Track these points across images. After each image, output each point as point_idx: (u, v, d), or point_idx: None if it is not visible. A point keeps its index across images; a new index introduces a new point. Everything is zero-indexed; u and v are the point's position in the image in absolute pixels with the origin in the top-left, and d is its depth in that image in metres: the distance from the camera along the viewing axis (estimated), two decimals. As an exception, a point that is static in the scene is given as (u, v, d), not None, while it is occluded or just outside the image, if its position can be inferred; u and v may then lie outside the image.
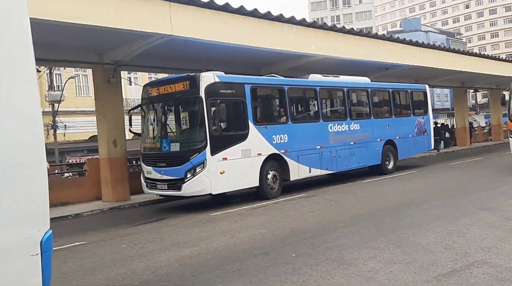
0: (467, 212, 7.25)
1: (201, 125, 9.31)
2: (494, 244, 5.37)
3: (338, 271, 4.79)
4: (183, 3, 9.67)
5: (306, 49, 12.86)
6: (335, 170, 12.29)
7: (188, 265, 5.51)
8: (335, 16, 76.42)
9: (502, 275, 4.33)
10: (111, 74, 11.54)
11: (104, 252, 6.55)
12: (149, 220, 8.99)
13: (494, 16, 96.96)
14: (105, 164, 11.66)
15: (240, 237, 6.73)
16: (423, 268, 4.68)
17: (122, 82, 12.35)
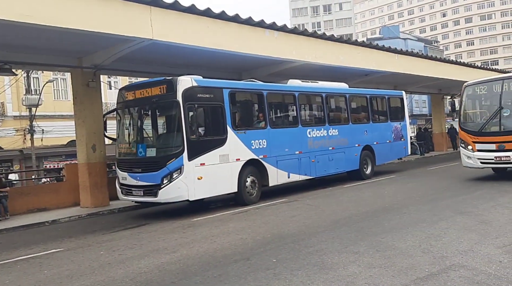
0: (444, 216, 7.38)
1: (178, 130, 9.22)
2: (470, 248, 5.49)
3: (319, 275, 4.81)
4: (164, 7, 9.63)
5: (287, 55, 12.95)
6: (314, 176, 12.36)
7: (168, 271, 5.45)
8: (316, 23, 77.23)
9: (478, 278, 4.43)
10: (91, 78, 11.39)
11: (82, 259, 6.43)
12: (129, 226, 8.87)
13: (469, 24, 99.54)
14: (84, 169, 11.48)
15: (221, 243, 6.70)
16: (401, 272, 4.74)
17: (101, 86, 12.19)
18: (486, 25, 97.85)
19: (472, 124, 11.76)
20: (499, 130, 10.88)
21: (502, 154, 10.72)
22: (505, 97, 11.04)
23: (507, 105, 11.01)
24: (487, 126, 11.17)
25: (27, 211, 11.22)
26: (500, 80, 11.20)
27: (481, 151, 11.16)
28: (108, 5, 8.80)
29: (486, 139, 11.05)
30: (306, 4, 79.14)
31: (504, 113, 10.84)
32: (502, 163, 10.84)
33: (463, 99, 11.87)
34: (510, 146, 10.56)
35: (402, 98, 16.31)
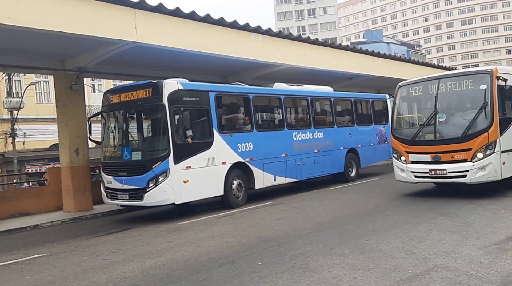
0: (426, 218, 7.49)
1: (164, 133, 9.18)
2: (452, 249, 5.58)
3: (303, 278, 4.84)
4: (149, 10, 9.61)
5: (272, 58, 13.01)
6: (300, 178, 12.42)
7: (152, 276, 5.42)
8: (300, 27, 77.67)
9: (460, 279, 4.50)
10: (74, 81, 11.26)
11: (65, 265, 6.34)
12: (113, 231, 8.77)
13: (451, 29, 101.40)
14: (67, 173, 11.33)
15: (206, 247, 6.68)
16: (385, 274, 4.79)
17: (85, 89, 12.06)
18: (467, 30, 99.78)
19: (406, 131, 10.06)
20: (434, 138, 9.30)
21: (437, 167, 9.12)
22: (441, 99, 9.54)
23: (443, 109, 9.51)
24: (421, 134, 9.54)
25: (8, 216, 11.01)
26: (436, 79, 9.63)
27: (415, 163, 9.52)
28: (92, 8, 8.73)
29: (420, 149, 9.45)
30: (291, 8, 79.58)
31: (439, 118, 9.28)
32: (438, 177, 9.23)
33: (397, 102, 10.32)
34: (446, 157, 9.02)
35: (386, 102, 16.52)
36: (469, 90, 9.25)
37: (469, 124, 8.88)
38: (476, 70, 10.09)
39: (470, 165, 8.76)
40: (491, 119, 8.71)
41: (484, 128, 8.75)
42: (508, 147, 9.03)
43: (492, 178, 8.75)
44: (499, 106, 8.79)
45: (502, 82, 8.89)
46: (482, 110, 8.78)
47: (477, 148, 8.72)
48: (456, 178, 9.02)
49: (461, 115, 9.39)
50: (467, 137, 8.82)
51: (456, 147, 8.91)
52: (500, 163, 8.78)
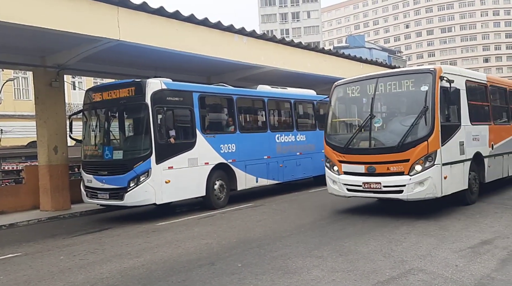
0: (405, 221, 7.61)
1: (146, 133, 9.12)
2: (428, 252, 5.69)
3: (283, 280, 4.86)
4: (132, 8, 9.52)
5: (256, 60, 13.04)
6: (282, 180, 12.47)
7: (131, 277, 5.36)
8: (284, 30, 78.04)
9: (435, 282, 4.60)
10: (54, 77, 11.07)
11: (41, 264, 6.23)
12: (91, 231, 8.65)
13: (431, 36, 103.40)
14: (44, 172, 11.12)
15: (186, 248, 6.65)
16: (363, 276, 4.86)
17: (65, 86, 11.87)
18: (446, 38, 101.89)
19: (340, 137, 8.78)
20: (369, 146, 8.13)
21: (371, 180, 7.94)
22: (378, 102, 8.54)
23: (379, 112, 8.58)
24: (355, 141, 8.33)
25: (-18, 214, 10.75)
26: (374, 79, 8.42)
27: (348, 174, 8.34)
28: (74, 4, 8.61)
29: (354, 158, 8.25)
30: (275, 11, 79.91)
31: (375, 123, 8.14)
32: (372, 191, 8.01)
33: (332, 104, 9.07)
34: (382, 169, 7.83)
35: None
36: (410, 91, 8.11)
37: (406, 131, 7.68)
38: (417, 69, 9.04)
39: (407, 179, 7.57)
40: (432, 126, 7.54)
41: (423, 136, 7.59)
42: (452, 158, 7.94)
43: (431, 194, 7.57)
44: (441, 111, 7.69)
45: (447, 83, 7.74)
46: (422, 115, 7.62)
47: (415, 160, 7.53)
48: (391, 194, 7.83)
49: (400, 120, 8.24)
50: (404, 146, 7.63)
51: (392, 158, 7.73)
52: (440, 178, 7.60)
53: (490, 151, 9.58)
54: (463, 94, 8.49)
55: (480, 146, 9.14)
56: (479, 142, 9.13)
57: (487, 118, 9.84)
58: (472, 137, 8.82)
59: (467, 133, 8.59)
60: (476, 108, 9.30)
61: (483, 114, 9.72)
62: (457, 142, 8.19)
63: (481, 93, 9.85)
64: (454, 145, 8.08)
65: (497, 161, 9.96)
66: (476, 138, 8.99)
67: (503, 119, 10.95)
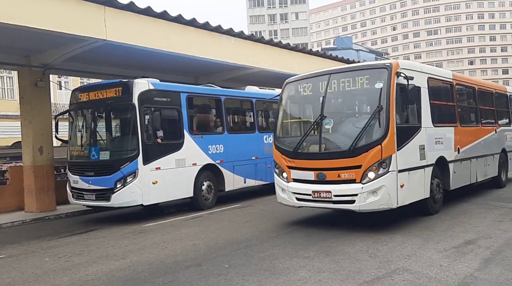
0: (391, 221, 7.68)
1: (134, 134, 9.07)
2: (413, 252, 5.75)
3: (270, 280, 4.88)
4: (119, 8, 9.46)
5: (244, 61, 13.05)
6: (270, 181, 12.45)
7: (116, 278, 5.33)
8: (272, 31, 78.19)
9: (420, 281, 4.66)
10: (39, 77, 10.94)
11: (25, 266, 6.15)
12: (76, 232, 8.56)
13: (417, 39, 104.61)
14: (29, 172, 10.97)
15: (173, 249, 6.62)
16: (349, 276, 4.90)
17: (51, 86, 11.73)
18: (432, 40, 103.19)
19: (290, 140, 7.91)
20: (319, 150, 7.27)
21: (321, 188, 7.10)
22: (330, 101, 7.71)
23: (332, 113, 7.61)
24: (305, 144, 7.49)
25: (-35, 216, 10.57)
26: (326, 75, 7.59)
27: (298, 181, 7.49)
28: (60, 3, 8.52)
29: (303, 163, 7.41)
30: (263, 12, 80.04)
31: (326, 124, 7.32)
32: (321, 201, 7.17)
33: (282, 103, 8.24)
34: (332, 176, 7.02)
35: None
36: (364, 89, 7.30)
37: (358, 134, 6.86)
38: (372, 64, 8.04)
39: (359, 188, 6.76)
40: (386, 128, 6.71)
41: (376, 139, 6.76)
42: (410, 164, 7.17)
43: (385, 205, 6.77)
44: (398, 111, 6.92)
45: (404, 80, 6.92)
46: (375, 116, 6.80)
47: (368, 166, 6.73)
48: (342, 204, 7.01)
49: (353, 121, 7.47)
50: (356, 150, 6.81)
51: (343, 163, 6.93)
52: (396, 186, 6.78)
53: (456, 155, 8.81)
54: (424, 93, 7.80)
55: (444, 150, 8.36)
56: (443, 146, 8.35)
57: (453, 119, 9.04)
58: (435, 140, 8.03)
59: (429, 136, 7.79)
60: (440, 109, 8.57)
61: (448, 115, 8.96)
62: (417, 146, 7.38)
63: (446, 92, 9.04)
64: (413, 149, 7.28)
65: (464, 166, 9.18)
66: (439, 141, 8.19)
67: (471, 121, 10.28)
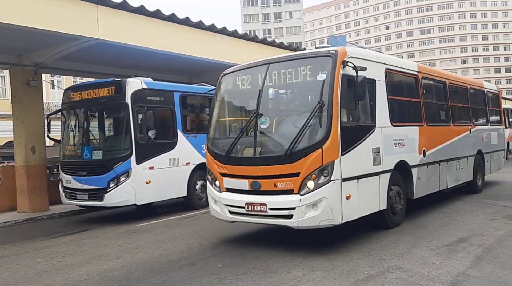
0: (384, 220, 7.72)
1: (126, 133, 9.03)
2: (406, 250, 5.79)
3: (263, 279, 4.88)
4: (112, 7, 9.41)
5: (238, 60, 12.92)
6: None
7: (110, 278, 5.31)
8: (266, 30, 78.24)
9: (413, 279, 4.68)
10: (31, 76, 10.85)
11: (17, 267, 6.11)
12: (69, 232, 8.52)
13: (410, 38, 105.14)
14: (22, 172, 10.89)
15: (167, 248, 6.61)
16: (343, 275, 4.92)
17: (43, 85, 11.65)
18: (425, 39, 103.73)
19: (224, 142, 6.66)
20: (253, 154, 6.10)
21: (256, 199, 5.99)
22: (267, 96, 6.60)
23: (269, 110, 6.66)
24: (239, 147, 6.33)
25: (-44, 216, 10.47)
26: (264, 65, 6.48)
27: (231, 191, 6.36)
28: (52, 2, 8.46)
29: (236, 170, 6.27)
30: (257, 11, 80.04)
31: (261, 123, 6.20)
32: (256, 215, 6.03)
33: (218, 98, 7.08)
34: (268, 186, 5.92)
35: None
36: (307, 81, 6.15)
37: (296, 135, 5.75)
38: (315, 52, 6.57)
39: (297, 200, 5.68)
40: (328, 128, 5.63)
41: (316, 142, 5.67)
42: (360, 171, 6.08)
43: (327, 221, 5.64)
44: (344, 108, 5.87)
45: (352, 71, 5.83)
46: (316, 113, 5.71)
47: (307, 173, 5.65)
48: (278, 219, 5.89)
49: (293, 120, 6.23)
50: (294, 155, 5.72)
51: (279, 170, 5.82)
52: (340, 198, 5.67)
53: (421, 159, 7.76)
54: (381, 87, 6.77)
55: (405, 153, 7.28)
56: (405, 148, 7.27)
57: (418, 118, 7.97)
58: (394, 142, 6.97)
59: (386, 137, 6.72)
60: (401, 106, 7.64)
61: (411, 113, 7.99)
62: (369, 149, 6.32)
63: (409, 87, 8.03)
64: (364, 153, 6.22)
65: (431, 171, 8.15)
66: (399, 143, 7.13)
67: (441, 120, 9.07)
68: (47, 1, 8.38)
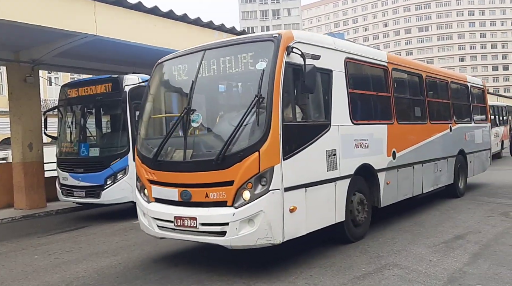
0: (381, 217, 7.72)
1: (124, 130, 9.02)
2: (404, 247, 5.80)
3: (260, 277, 4.88)
4: (109, 3, 9.37)
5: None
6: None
7: (107, 275, 5.30)
8: (264, 27, 78.16)
9: (410, 276, 4.70)
10: (28, 73, 10.83)
11: (14, 264, 6.10)
12: (67, 229, 8.51)
13: (409, 35, 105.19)
14: (19, 169, 10.87)
15: (164, 246, 6.60)
16: (340, 272, 4.92)
17: (40, 82, 11.62)
18: (423, 37, 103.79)
19: (154, 143, 5.60)
20: (184, 158, 5.15)
21: (185, 212, 5.04)
22: (201, 88, 5.51)
23: (203, 105, 5.70)
24: (169, 149, 5.36)
25: (-47, 213, 10.45)
26: (200, 51, 5.55)
27: (160, 201, 5.43)
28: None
29: (165, 176, 5.32)
30: (255, 8, 79.94)
31: (193, 121, 5.26)
32: (185, 231, 5.05)
33: (151, 91, 6.09)
34: (199, 196, 4.98)
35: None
36: (248, 71, 5.17)
37: (230, 135, 4.81)
38: (255, 36, 5.75)
39: (230, 214, 4.73)
40: (266, 127, 4.69)
41: (252, 144, 4.72)
42: (307, 178, 5.14)
43: (265, 240, 4.68)
44: (288, 103, 4.99)
45: (300, 59, 4.94)
46: (254, 109, 4.76)
47: (242, 182, 4.72)
48: (210, 236, 4.90)
49: (230, 117, 5.30)
50: (228, 159, 4.77)
51: (211, 178, 4.89)
52: (281, 211, 4.73)
53: (390, 161, 6.88)
54: (339, 79, 5.86)
55: (370, 155, 6.39)
56: (369, 150, 6.36)
57: (387, 115, 7.05)
58: (355, 143, 6.08)
59: (344, 137, 5.82)
60: (365, 101, 6.76)
61: (379, 110, 7.08)
62: (322, 152, 5.42)
63: (377, 79, 7.14)
64: (315, 156, 5.32)
65: (403, 175, 7.27)
66: (362, 144, 6.23)
67: (416, 117, 8.16)
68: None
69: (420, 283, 4.46)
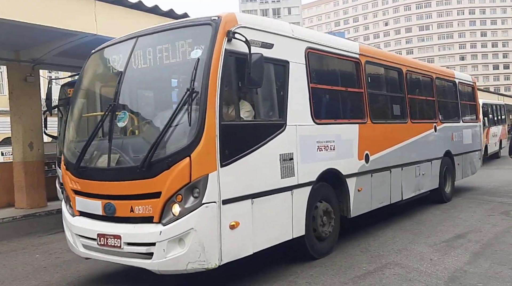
0: (382, 216, 7.72)
1: None
2: (404, 247, 5.80)
3: (259, 277, 4.88)
4: (110, 2, 9.37)
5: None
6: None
7: (109, 274, 5.31)
8: (265, 25, 78.14)
9: (411, 275, 4.69)
10: (29, 72, 10.82)
11: (15, 263, 6.10)
12: (67, 228, 8.50)
13: (409, 34, 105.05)
14: (19, 168, 10.87)
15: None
16: (340, 271, 4.92)
17: (41, 81, 11.62)
18: (424, 36, 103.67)
19: (80, 147, 4.79)
20: (108, 164, 4.41)
21: (109, 229, 4.32)
22: (131, 80, 4.76)
23: (131, 100, 5.00)
24: (94, 154, 4.67)
25: (-46, 213, 10.46)
26: (133, 39, 4.95)
27: (83, 215, 4.72)
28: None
29: (88, 186, 4.60)
30: (256, 7, 79.94)
31: (118, 120, 4.51)
32: (109, 251, 4.32)
33: (82, 86, 5.43)
34: (123, 209, 4.25)
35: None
36: (185, 61, 4.31)
37: (157, 137, 4.09)
38: (193, 19, 4.88)
39: (157, 232, 4.00)
40: (199, 127, 3.97)
41: (183, 147, 4.00)
42: (254, 188, 4.39)
43: (197, 264, 3.95)
44: (228, 98, 4.31)
45: (244, 46, 4.20)
46: (185, 106, 4.03)
47: (170, 193, 3.98)
48: (136, 258, 4.19)
49: (162, 116, 4.44)
50: (154, 166, 4.05)
51: (136, 188, 4.18)
52: (217, 229, 4.01)
53: (362, 165, 6.13)
54: (298, 72, 5.12)
55: (337, 159, 5.62)
56: (336, 153, 5.59)
57: (358, 113, 6.34)
58: (318, 146, 5.32)
59: (304, 139, 5.08)
60: (332, 97, 6.06)
61: (349, 107, 6.40)
62: (275, 156, 4.68)
63: (347, 73, 6.43)
64: (265, 161, 4.57)
65: (377, 181, 6.49)
66: (327, 146, 5.47)
67: (394, 115, 7.44)
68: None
69: (421, 282, 4.46)
